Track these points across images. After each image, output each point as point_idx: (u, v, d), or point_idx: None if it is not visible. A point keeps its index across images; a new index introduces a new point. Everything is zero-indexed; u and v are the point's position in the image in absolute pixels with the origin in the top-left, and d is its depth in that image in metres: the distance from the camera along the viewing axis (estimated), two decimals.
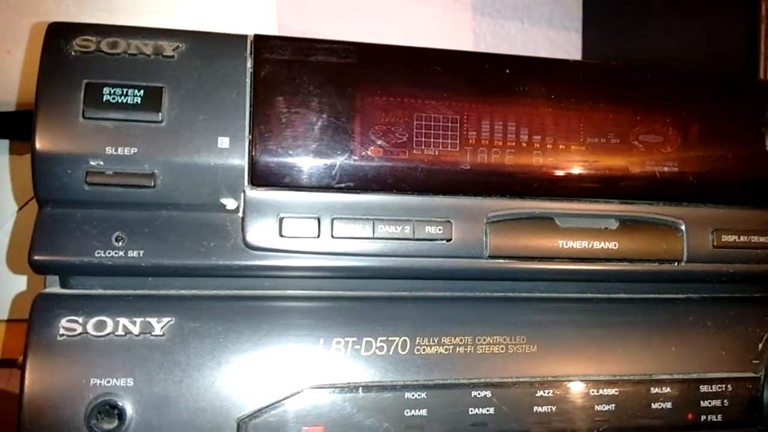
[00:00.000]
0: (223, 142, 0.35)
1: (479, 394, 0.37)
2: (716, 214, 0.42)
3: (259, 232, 0.35)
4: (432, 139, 0.38)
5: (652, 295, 0.42)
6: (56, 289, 0.36)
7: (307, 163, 0.36)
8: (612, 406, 0.39)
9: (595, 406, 0.38)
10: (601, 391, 0.38)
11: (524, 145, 0.39)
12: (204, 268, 0.35)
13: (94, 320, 0.34)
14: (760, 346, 0.42)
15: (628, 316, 0.41)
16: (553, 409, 0.38)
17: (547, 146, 0.39)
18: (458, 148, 0.38)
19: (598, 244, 0.39)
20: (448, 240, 0.37)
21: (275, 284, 0.37)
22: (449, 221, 0.37)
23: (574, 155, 0.40)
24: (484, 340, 0.38)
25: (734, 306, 0.43)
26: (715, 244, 0.41)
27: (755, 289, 0.44)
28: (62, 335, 0.33)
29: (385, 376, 0.36)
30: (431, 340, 0.37)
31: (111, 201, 0.34)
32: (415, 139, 0.37)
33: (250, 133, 0.35)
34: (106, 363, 0.33)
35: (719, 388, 0.40)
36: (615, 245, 0.40)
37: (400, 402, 0.36)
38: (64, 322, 0.34)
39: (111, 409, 0.33)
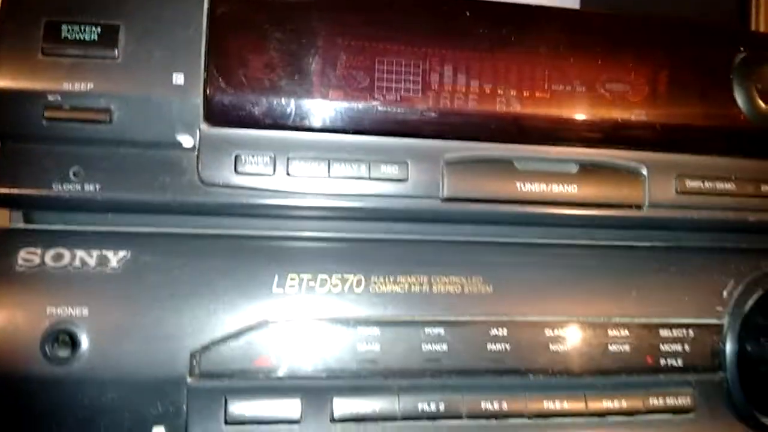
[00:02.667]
0: (178, 78, 0.35)
1: (433, 331, 0.37)
2: (680, 161, 0.41)
3: (215, 169, 0.36)
4: (393, 84, 0.38)
5: (615, 242, 0.42)
6: (18, 225, 0.37)
7: (262, 101, 0.36)
8: (567, 347, 0.39)
9: (550, 345, 0.38)
10: (555, 332, 0.39)
11: (488, 91, 0.39)
12: (159, 204, 0.36)
13: (51, 252, 0.35)
14: (725, 293, 0.42)
15: (588, 261, 0.41)
16: (507, 347, 0.38)
17: (511, 93, 0.39)
18: (420, 94, 0.38)
19: (557, 188, 0.39)
20: (404, 181, 0.37)
21: (232, 223, 0.38)
22: (406, 162, 0.38)
23: (538, 102, 0.40)
24: (440, 279, 0.38)
25: (699, 254, 0.43)
26: (678, 190, 0.41)
27: (721, 238, 0.44)
28: (21, 266, 0.34)
29: (338, 313, 0.36)
30: (387, 278, 0.37)
31: (68, 136, 0.35)
32: (375, 81, 0.37)
33: (205, 70, 0.36)
34: (62, 293, 0.34)
35: (680, 333, 0.40)
36: (574, 189, 0.40)
37: (352, 337, 0.36)
38: (23, 253, 0.35)
39: (66, 337, 0.34)
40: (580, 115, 0.40)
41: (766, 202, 0.42)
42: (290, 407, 0.36)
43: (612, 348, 0.39)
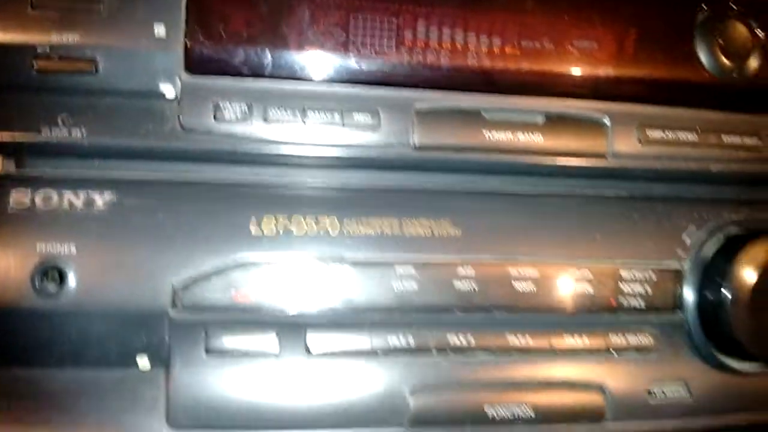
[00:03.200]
0: (160, 30, 0.37)
1: (403, 270, 0.39)
2: (643, 112, 0.43)
3: (195, 116, 0.38)
4: (367, 36, 0.39)
5: (579, 191, 0.44)
6: (10, 170, 0.39)
7: (240, 52, 0.38)
8: (533, 287, 0.41)
9: (515, 285, 0.40)
10: (520, 272, 0.40)
11: (459, 46, 0.41)
12: (142, 150, 0.38)
13: (41, 194, 0.37)
14: (686, 239, 0.44)
15: (552, 208, 0.43)
16: (474, 287, 0.40)
17: (481, 48, 0.41)
18: (393, 46, 0.40)
19: (524, 137, 0.41)
20: (376, 129, 0.39)
21: (212, 169, 0.40)
22: (377, 111, 0.39)
23: (507, 57, 0.41)
24: (411, 222, 0.40)
25: (662, 202, 0.44)
26: (640, 140, 0.43)
27: (684, 188, 0.45)
28: (12, 208, 0.36)
29: (313, 253, 0.38)
30: (359, 221, 0.39)
31: (56, 86, 0.37)
32: (349, 34, 0.39)
33: (185, 22, 0.37)
34: (51, 232, 0.36)
35: (642, 275, 0.42)
36: (540, 139, 0.41)
37: (326, 275, 0.38)
38: (14, 196, 0.37)
39: (55, 273, 0.36)
40: (547, 69, 0.42)
41: (727, 152, 0.44)
42: (267, 341, 0.38)
43: (575, 288, 0.41)
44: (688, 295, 0.43)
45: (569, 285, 0.41)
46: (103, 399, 0.37)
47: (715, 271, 0.42)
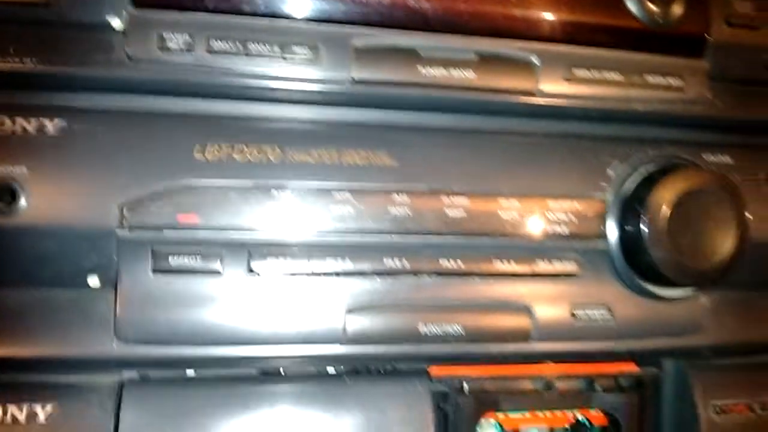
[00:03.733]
0: None
1: (340, 196, 0.42)
2: (571, 52, 0.46)
3: (140, 47, 0.40)
4: None
5: (509, 128, 0.47)
6: None
7: None
8: (464, 214, 0.43)
9: (447, 212, 0.43)
10: (452, 200, 0.43)
11: None
12: (92, 79, 0.40)
13: None
14: (610, 172, 0.46)
15: (484, 142, 0.45)
16: (409, 213, 0.42)
17: None
18: None
19: (457, 74, 0.44)
20: (316, 63, 0.42)
21: (158, 100, 0.42)
22: (317, 46, 0.42)
23: None
24: (349, 153, 0.42)
25: (588, 139, 0.47)
26: (568, 79, 0.45)
27: (609, 128, 0.48)
28: None
29: (255, 178, 0.41)
30: (300, 149, 0.42)
31: (10, 17, 0.39)
32: None
33: None
34: (4, 154, 0.38)
35: (568, 206, 0.45)
36: (473, 76, 0.44)
37: (267, 199, 0.41)
38: None
39: (7, 193, 0.38)
40: (480, 10, 0.44)
41: (651, 93, 0.47)
42: (211, 261, 0.40)
43: (503, 216, 0.44)
44: (611, 225, 0.46)
45: (498, 213, 0.44)
46: (55, 316, 0.40)
47: (635, 202, 0.45)
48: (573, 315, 0.45)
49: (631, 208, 0.45)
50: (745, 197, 0.47)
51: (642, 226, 0.44)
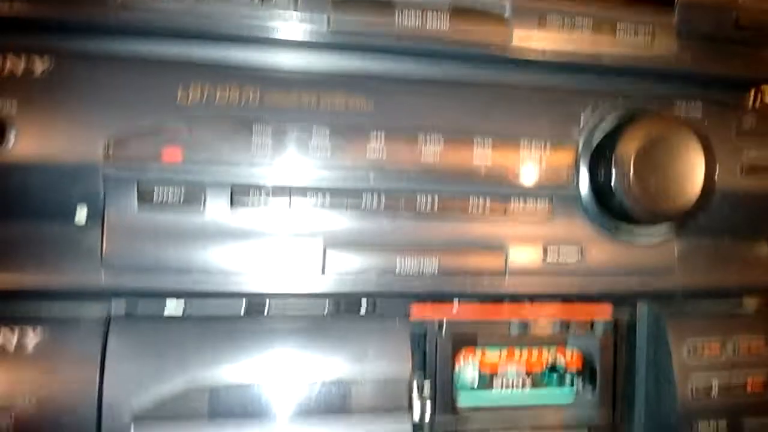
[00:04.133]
0: None
1: (319, 136, 0.43)
2: (543, 4, 0.47)
3: None
4: None
5: (484, 78, 0.48)
6: None
7: None
8: (438, 157, 0.45)
9: (423, 153, 0.45)
10: (427, 142, 0.45)
11: None
12: (81, 23, 0.41)
13: None
14: (582, 119, 0.48)
15: (459, 91, 0.47)
16: (385, 155, 0.44)
17: None
18: None
19: (432, 24, 0.45)
20: (295, 9, 0.43)
21: (146, 44, 0.43)
22: None
23: None
24: (328, 96, 0.44)
25: (561, 89, 0.49)
26: (540, 28, 0.47)
27: (581, 79, 0.50)
28: None
29: (236, 116, 0.42)
30: (279, 91, 0.43)
31: None
32: None
33: None
34: None
35: (538, 149, 0.47)
36: (446, 26, 0.46)
37: (248, 137, 0.42)
38: None
39: None
40: None
41: (621, 44, 0.48)
42: (194, 195, 0.42)
43: (477, 159, 0.46)
44: (583, 169, 0.48)
45: (472, 156, 0.45)
46: (44, 249, 0.41)
47: (604, 146, 0.47)
48: (546, 255, 0.47)
49: (601, 152, 0.47)
50: (713, 149, 0.48)
51: (611, 169, 0.46)
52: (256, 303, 0.46)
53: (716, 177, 0.48)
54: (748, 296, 0.56)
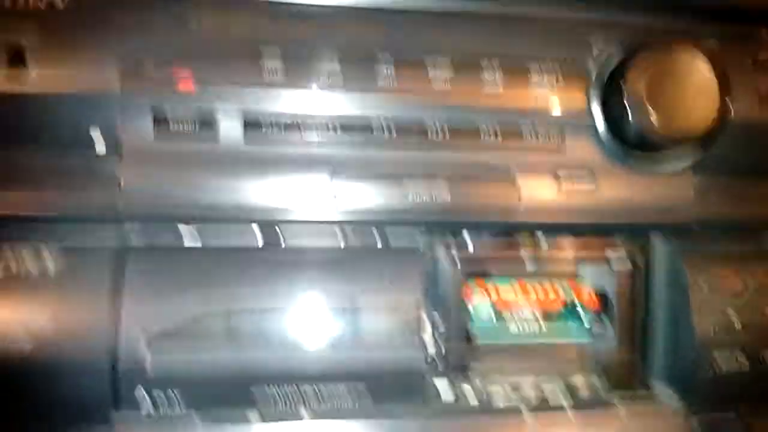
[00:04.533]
0: None
1: (329, 64, 0.44)
2: None
3: None
4: None
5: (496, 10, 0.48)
6: None
7: None
8: (448, 86, 0.45)
9: (432, 83, 0.45)
10: (436, 67, 0.45)
11: None
12: None
13: None
14: (595, 51, 0.48)
15: (469, 19, 0.47)
16: (395, 83, 0.44)
17: None
18: None
19: None
20: None
21: None
22: None
23: None
24: (338, 24, 0.45)
25: (575, 20, 0.48)
26: None
27: (595, 14, 0.49)
28: None
29: (248, 46, 0.43)
30: (290, 21, 0.44)
31: None
32: None
33: None
34: (17, 23, 0.41)
35: (551, 78, 0.47)
36: None
37: (257, 59, 0.43)
38: None
39: (18, 58, 0.41)
40: None
41: None
42: (209, 128, 0.43)
43: (488, 86, 0.46)
44: (595, 98, 0.47)
45: (482, 85, 0.46)
46: (62, 176, 0.42)
47: (616, 74, 0.46)
48: (559, 187, 0.47)
49: (613, 80, 0.47)
50: (728, 76, 0.48)
51: (623, 95, 0.45)
52: (271, 233, 0.47)
53: (731, 105, 0.47)
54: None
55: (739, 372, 0.51)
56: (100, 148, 0.43)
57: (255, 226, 0.46)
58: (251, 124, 0.43)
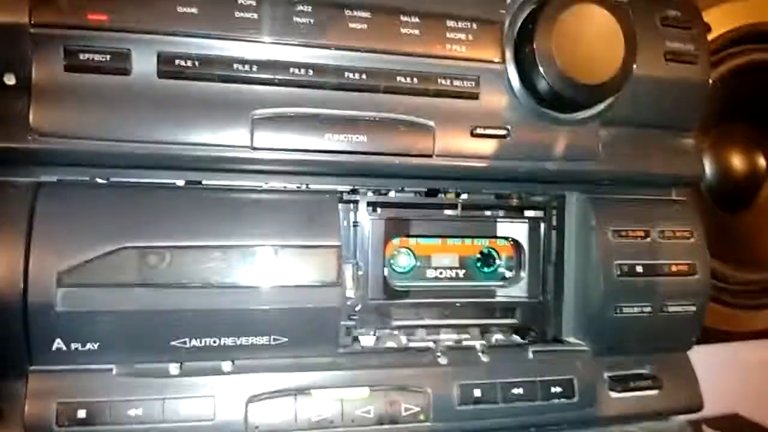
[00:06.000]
0: None
1: (245, 2, 0.44)
2: None
3: None
4: None
5: None
6: None
7: None
8: (365, 26, 0.46)
9: (349, 24, 0.46)
10: (354, 13, 0.46)
11: None
12: None
13: None
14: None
15: None
16: (312, 21, 0.45)
17: None
18: None
19: None
20: None
21: None
22: None
23: None
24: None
25: None
26: None
27: None
28: None
29: None
30: None
31: None
32: None
33: None
34: None
35: (465, 25, 0.48)
36: None
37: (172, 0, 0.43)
38: None
39: None
40: None
41: None
42: (120, 58, 0.42)
43: (404, 32, 0.47)
44: (508, 48, 0.49)
45: (399, 29, 0.46)
46: None
47: (527, 24, 0.48)
48: (473, 133, 0.48)
49: (524, 30, 0.48)
50: (635, 31, 0.50)
51: (533, 45, 0.47)
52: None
53: (637, 59, 0.49)
54: (675, 187, 0.58)
55: (642, 317, 0.54)
56: (11, 79, 0.42)
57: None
58: (165, 62, 0.43)
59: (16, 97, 0.42)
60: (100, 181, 0.46)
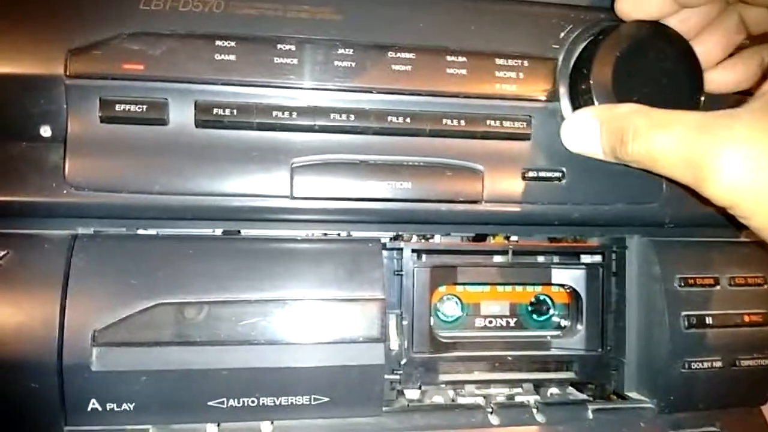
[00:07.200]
0: None
1: (285, 47, 0.42)
2: None
3: None
4: None
5: None
6: None
7: None
8: (409, 68, 0.43)
9: (393, 66, 0.43)
10: (397, 54, 0.43)
11: None
12: None
13: None
14: (562, 35, 0.46)
15: (432, 2, 0.45)
16: (353, 65, 0.43)
17: None
18: None
19: None
20: None
21: None
22: None
23: None
24: (293, 6, 0.43)
25: (541, 5, 0.47)
26: None
27: None
28: None
29: (198, 28, 0.41)
30: (245, 2, 0.42)
31: None
32: None
33: None
34: None
35: (516, 63, 0.45)
36: None
37: (210, 48, 0.41)
38: None
39: None
40: None
41: None
42: (157, 108, 0.41)
43: (450, 72, 0.44)
44: (563, 84, 0.46)
45: (445, 69, 0.44)
46: (9, 165, 0.41)
47: (583, 61, 0.45)
48: (525, 176, 0.45)
49: (579, 67, 0.45)
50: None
51: (590, 81, 0.44)
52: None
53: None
54: (744, 228, 0.53)
55: (712, 372, 0.49)
56: (46, 131, 0.41)
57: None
58: (203, 111, 0.41)
59: (52, 149, 0.41)
60: (137, 232, 0.45)
